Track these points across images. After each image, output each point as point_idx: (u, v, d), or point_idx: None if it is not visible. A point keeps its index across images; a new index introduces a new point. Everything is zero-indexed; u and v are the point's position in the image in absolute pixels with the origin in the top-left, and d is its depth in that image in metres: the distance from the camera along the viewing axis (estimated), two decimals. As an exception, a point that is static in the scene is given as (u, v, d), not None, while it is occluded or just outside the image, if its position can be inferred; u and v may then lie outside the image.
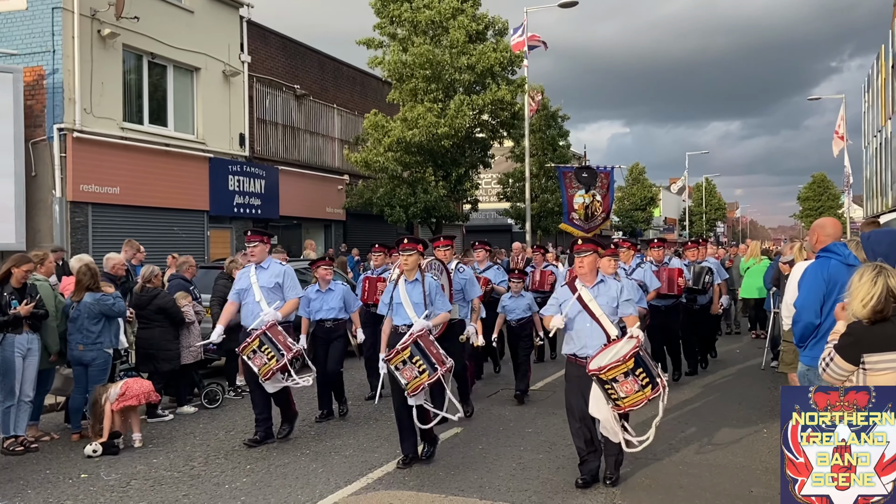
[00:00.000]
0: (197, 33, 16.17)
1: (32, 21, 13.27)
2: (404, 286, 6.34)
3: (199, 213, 16.25)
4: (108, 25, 13.79)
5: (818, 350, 4.84)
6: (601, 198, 14.00)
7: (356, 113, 22.16)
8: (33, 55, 13.24)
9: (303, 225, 20.25)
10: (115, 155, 14.09)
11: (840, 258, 4.53)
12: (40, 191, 13.17)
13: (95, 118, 13.71)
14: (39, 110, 13.25)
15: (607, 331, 5.49)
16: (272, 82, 18.85)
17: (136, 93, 15.08)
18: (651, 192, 52.55)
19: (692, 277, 10.05)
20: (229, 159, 17.06)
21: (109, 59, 14.05)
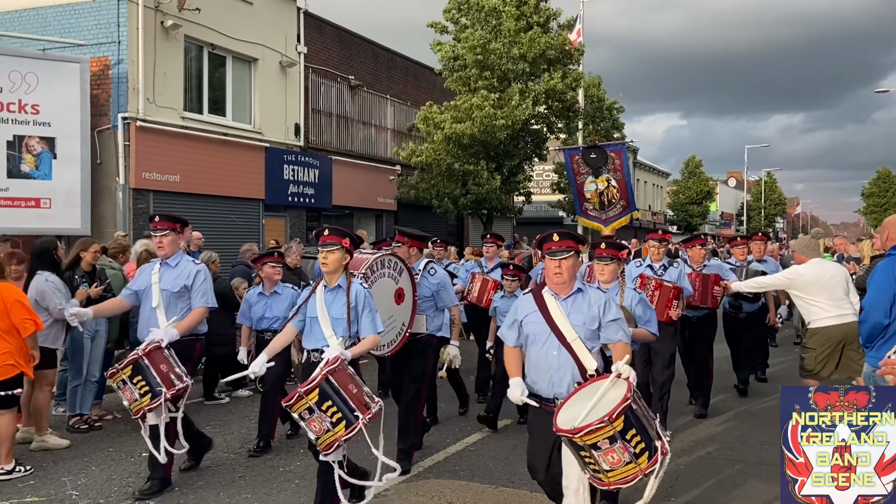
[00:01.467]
0: (255, 25, 16.43)
1: (99, 12, 13.67)
2: (322, 294, 4.79)
3: (255, 202, 16.55)
4: (170, 17, 14.12)
5: (885, 352, 4.69)
6: (616, 182, 11.97)
7: (409, 104, 22.24)
8: (99, 46, 13.64)
9: (354, 215, 20.46)
10: (176, 144, 14.44)
11: (910, 257, 4.38)
12: (105, 178, 13.59)
13: (158, 108, 14.07)
14: (105, 99, 13.66)
15: (583, 363, 4.04)
16: (327, 73, 19.04)
17: (196, 83, 15.42)
18: (707, 186, 51.41)
19: None
20: (284, 149, 17.32)
21: (171, 49, 14.39)
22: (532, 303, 4.25)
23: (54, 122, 12.75)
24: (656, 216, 50.04)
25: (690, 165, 51.54)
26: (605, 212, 11.94)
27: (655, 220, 49.64)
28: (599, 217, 11.96)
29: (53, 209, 12.62)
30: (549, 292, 4.22)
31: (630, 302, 5.37)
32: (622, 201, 11.91)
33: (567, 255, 4.18)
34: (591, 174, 11.94)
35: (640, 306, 5.41)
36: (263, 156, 16.64)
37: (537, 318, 4.18)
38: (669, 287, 6.63)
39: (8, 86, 12.34)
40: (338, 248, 4.72)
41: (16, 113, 12.44)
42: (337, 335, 4.63)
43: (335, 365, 4.32)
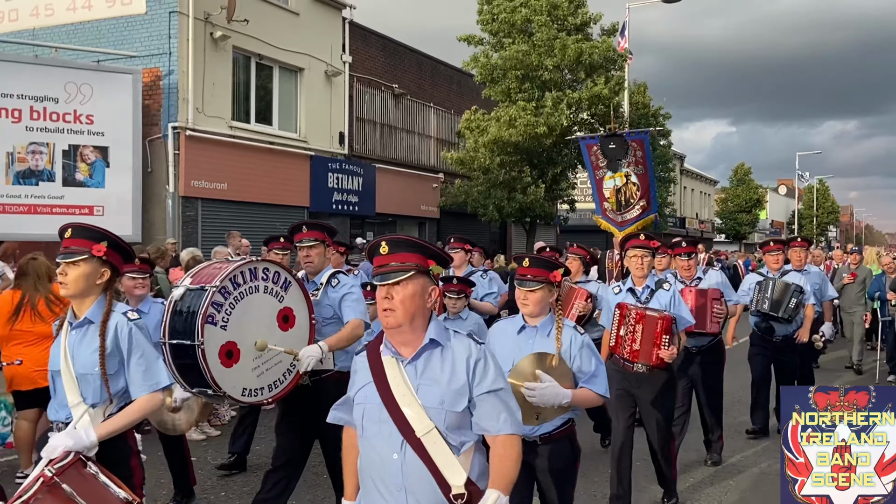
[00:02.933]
0: (301, 35, 16.70)
1: (151, 24, 14.06)
2: (67, 335, 3.16)
3: (300, 209, 16.78)
4: (219, 28, 14.45)
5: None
6: (637, 178, 9.85)
7: (452, 112, 22.32)
8: (151, 57, 14.02)
9: (398, 222, 20.58)
10: (224, 152, 14.74)
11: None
12: (155, 186, 13.94)
13: (206, 117, 14.39)
14: (156, 109, 14.02)
15: (444, 475, 2.40)
16: (371, 82, 19.23)
17: (243, 93, 15.73)
18: (757, 194, 50.40)
19: (770, 299, 6.87)
20: (329, 157, 17.54)
21: (220, 60, 14.71)
22: (366, 367, 2.58)
23: (108, 131, 13.13)
24: (703, 224, 49.21)
25: (739, 173, 50.62)
26: (621, 213, 9.86)
27: (703, 228, 48.83)
28: (614, 220, 9.92)
29: (106, 216, 12.98)
30: (389, 349, 2.55)
31: (568, 347, 3.51)
32: (642, 201, 9.82)
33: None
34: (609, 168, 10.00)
35: (583, 354, 3.52)
36: (308, 164, 16.87)
37: (371, 392, 2.52)
38: (655, 318, 4.79)
39: (64, 97, 12.76)
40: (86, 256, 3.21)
41: (71, 123, 12.85)
42: (86, 401, 3.05)
43: (63, 463, 2.76)
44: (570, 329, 3.56)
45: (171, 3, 13.82)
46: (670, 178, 28.64)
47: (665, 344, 4.78)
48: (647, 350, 4.82)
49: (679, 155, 41.51)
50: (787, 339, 7.08)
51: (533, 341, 3.54)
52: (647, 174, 9.94)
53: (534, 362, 3.41)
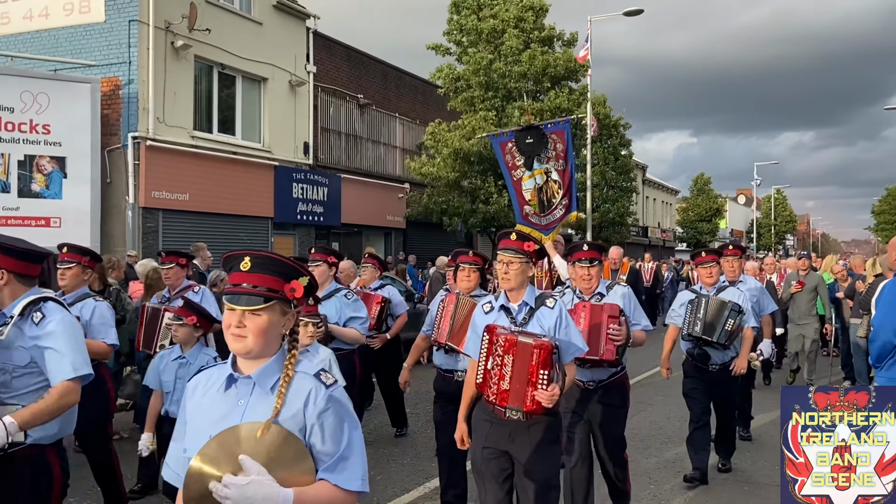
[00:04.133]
0: (265, 44, 16.57)
1: (110, 33, 13.82)
2: None
3: (264, 220, 16.60)
4: (180, 37, 14.26)
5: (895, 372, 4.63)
6: (557, 174, 8.78)
7: (418, 122, 22.33)
8: (110, 66, 13.77)
9: (363, 232, 20.48)
10: (185, 163, 14.52)
11: (922, 275, 4.32)
12: (114, 196, 13.67)
13: (167, 127, 14.17)
14: (115, 119, 13.77)
15: None
16: (336, 92, 19.16)
17: (206, 102, 15.54)
18: (717, 203, 51.30)
19: (702, 321, 5.84)
20: (293, 167, 17.40)
21: (181, 69, 14.51)
22: None
23: (65, 141, 12.85)
24: (665, 233, 49.93)
25: (699, 183, 51.48)
26: (544, 216, 8.73)
27: (664, 237, 49.55)
28: (539, 224, 8.68)
29: (63, 228, 12.68)
30: None
31: (301, 408, 2.10)
32: (564, 199, 8.73)
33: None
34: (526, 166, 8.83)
35: (327, 420, 2.10)
36: (272, 174, 16.71)
37: None
38: (529, 346, 3.54)
39: (20, 106, 12.46)
40: None
41: (27, 133, 12.55)
42: None
43: None
44: (310, 379, 2.08)
45: (130, 12, 13.61)
46: (633, 187, 28.97)
47: (543, 381, 3.48)
48: (518, 390, 3.55)
49: (641, 165, 42.11)
50: (725, 367, 6.01)
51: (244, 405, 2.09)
52: (568, 169, 8.75)
53: (239, 439, 1.99)
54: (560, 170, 8.67)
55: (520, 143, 8.81)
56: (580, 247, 4.99)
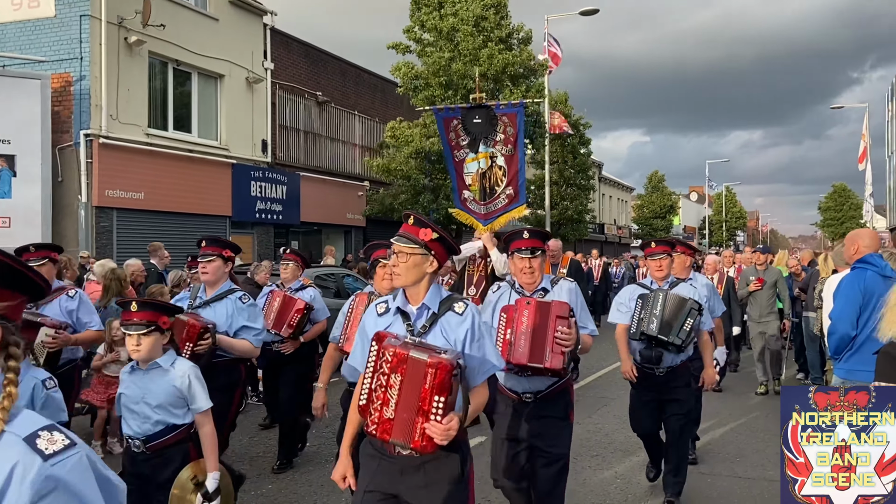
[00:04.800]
0: (221, 41, 16.31)
1: (61, 28, 13.44)
2: None
3: (222, 219, 16.35)
4: (134, 33, 13.94)
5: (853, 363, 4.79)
6: (504, 160, 7.91)
7: (377, 120, 22.24)
8: (61, 62, 13.40)
9: (323, 231, 20.32)
10: (140, 161, 14.21)
11: (877, 269, 4.49)
12: (66, 196, 13.31)
13: (121, 124, 13.85)
14: (66, 116, 13.41)
15: None
16: (294, 89, 18.96)
17: (161, 99, 15.23)
18: (671, 201, 52.25)
19: (659, 318, 5.09)
20: (252, 165, 17.17)
21: (135, 66, 14.20)
22: None
23: (14, 139, 12.47)
24: (621, 230, 50.66)
25: (654, 180, 52.35)
26: (485, 203, 7.79)
27: (620, 234, 50.27)
28: (478, 211, 7.83)
29: (13, 228, 12.30)
30: None
31: None
32: (509, 189, 7.79)
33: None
34: (470, 147, 7.95)
35: None
36: (230, 172, 16.47)
37: None
38: (422, 363, 2.70)
39: (-34, 102, 12.06)
40: None
41: (-26, 130, 12.14)
42: None
43: None
44: (16, 445, 1.34)
45: (82, 7, 13.25)
46: (591, 185, 29.32)
47: (437, 411, 2.64)
48: (405, 420, 2.70)
49: (597, 163, 42.64)
50: (673, 372, 5.20)
51: None
52: (516, 155, 7.83)
53: None
54: (507, 155, 7.85)
55: (466, 122, 7.96)
56: (520, 234, 4.27)
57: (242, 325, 4.83)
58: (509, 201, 7.78)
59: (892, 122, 41.02)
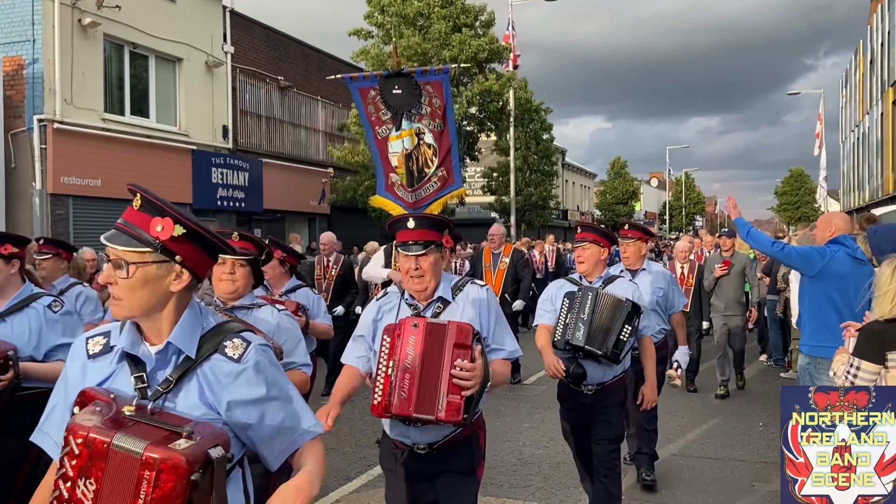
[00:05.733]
0: (179, 23, 15.90)
1: (12, 9, 12.96)
2: None
3: (183, 207, 15.86)
4: (88, 14, 13.50)
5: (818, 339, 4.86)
6: (433, 137, 6.90)
7: (341, 105, 21.97)
8: (12, 45, 12.93)
9: (287, 218, 20.06)
10: (97, 147, 13.82)
11: (848, 250, 4.59)
12: (20, 183, 12.89)
13: (76, 109, 13.43)
14: (19, 101, 12.96)
15: None
16: (256, 73, 18.61)
17: (117, 83, 14.81)
18: (633, 187, 52.85)
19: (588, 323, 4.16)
20: (212, 151, 16.83)
21: (90, 48, 13.77)
22: None
23: (-37, 124, 12.01)
24: (584, 216, 51.10)
25: (616, 166, 52.86)
26: (413, 190, 6.78)
27: (583, 219, 50.70)
28: (406, 199, 6.79)
29: (-37, 217, 11.89)
30: None
31: None
32: (441, 170, 6.81)
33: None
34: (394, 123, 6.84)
35: None
36: (190, 158, 16.12)
37: None
38: (124, 458, 1.58)
39: (-90, 85, 11.56)
40: None
41: (-81, 114, 11.66)
42: None
43: None
44: None
45: (33, -14, 12.78)
46: (554, 171, 29.46)
47: None
48: None
49: (560, 150, 42.85)
50: (604, 390, 4.26)
51: None
52: (447, 130, 6.77)
53: None
54: (436, 131, 6.71)
55: (385, 93, 6.70)
56: (403, 222, 3.19)
57: (57, 343, 3.59)
58: (442, 185, 6.74)
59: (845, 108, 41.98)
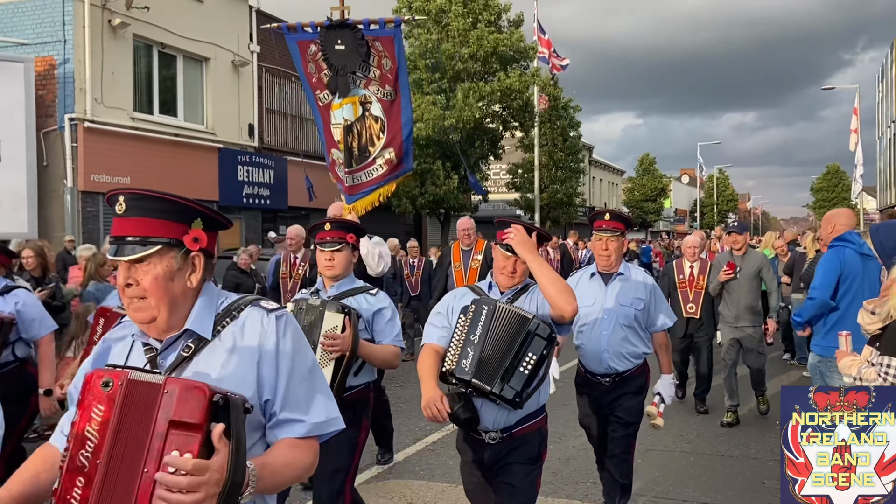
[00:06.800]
0: (206, 23, 16.17)
1: (44, 11, 13.30)
2: None
3: (209, 204, 16.20)
4: (118, 15, 13.81)
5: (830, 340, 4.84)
6: (382, 108, 5.58)
7: (366, 103, 22.14)
8: (44, 45, 13.27)
9: (311, 216, 20.26)
10: (126, 145, 14.13)
11: (855, 247, 4.56)
12: (52, 181, 13.23)
13: (106, 108, 13.75)
14: (51, 100, 13.30)
15: None
16: (281, 72, 18.84)
17: (146, 83, 15.11)
18: (661, 183, 52.33)
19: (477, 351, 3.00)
20: (238, 150, 17.09)
21: (120, 49, 14.07)
22: None
23: (-3, 123, 12.35)
24: (612, 213, 50.69)
25: (644, 163, 52.38)
26: (353, 172, 5.69)
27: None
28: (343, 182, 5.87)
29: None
30: None
31: None
32: (389, 151, 5.57)
33: None
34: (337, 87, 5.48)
35: None
36: (216, 157, 16.39)
37: None
38: None
39: (-53, 86, 11.93)
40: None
41: (-44, 114, 12.03)
42: None
43: None
44: None
45: (64, -11, 13.11)
46: (580, 168, 29.31)
47: None
48: None
49: (587, 146, 42.63)
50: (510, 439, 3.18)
51: None
52: (398, 100, 5.40)
53: None
54: (386, 101, 5.35)
55: (328, 48, 5.23)
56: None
57: None
58: (389, 169, 5.52)
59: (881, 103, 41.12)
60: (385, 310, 3.69)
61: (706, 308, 7.59)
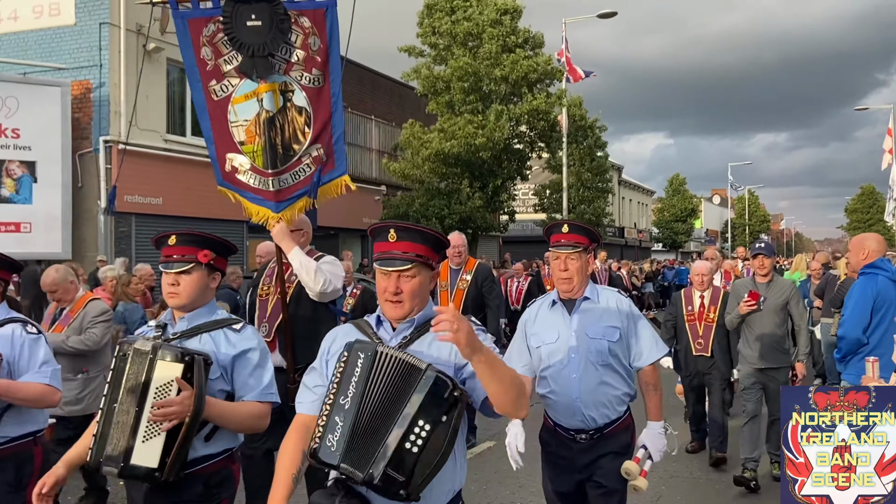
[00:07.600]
0: (238, 47, 16.46)
1: (80, 36, 13.68)
2: None
3: (239, 224, 16.46)
4: (153, 40, 14.13)
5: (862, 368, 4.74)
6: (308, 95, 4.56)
7: (394, 124, 22.33)
8: (81, 69, 13.63)
9: (340, 235, 20.42)
10: (159, 166, 14.40)
11: (888, 274, 4.44)
12: (86, 201, 13.52)
13: (140, 130, 14.04)
14: (86, 123, 13.63)
15: None
16: (311, 94, 19.10)
17: (179, 105, 15.42)
18: (692, 204, 51.86)
19: (349, 420, 2.12)
20: (269, 170, 17.30)
21: (154, 72, 14.39)
22: None
23: (35, 145, 12.69)
24: (641, 234, 50.38)
25: (675, 183, 52.00)
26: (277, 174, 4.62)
27: (641, 237, 49.99)
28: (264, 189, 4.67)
29: (34, 233, 12.53)
30: None
31: None
32: (317, 148, 4.69)
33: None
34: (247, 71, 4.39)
35: None
36: (247, 177, 16.60)
37: None
38: None
39: (-12, 110, 12.30)
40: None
41: (-4, 137, 12.38)
42: None
43: None
44: None
45: (101, 15, 13.48)
46: (608, 188, 29.19)
47: None
48: None
49: (617, 166, 42.46)
50: None
51: None
52: (327, 88, 4.66)
53: None
54: (313, 89, 4.56)
55: (236, 26, 4.28)
56: None
57: None
58: (318, 167, 4.69)
59: (918, 123, 40.36)
60: (251, 352, 2.78)
61: (720, 343, 6.50)
